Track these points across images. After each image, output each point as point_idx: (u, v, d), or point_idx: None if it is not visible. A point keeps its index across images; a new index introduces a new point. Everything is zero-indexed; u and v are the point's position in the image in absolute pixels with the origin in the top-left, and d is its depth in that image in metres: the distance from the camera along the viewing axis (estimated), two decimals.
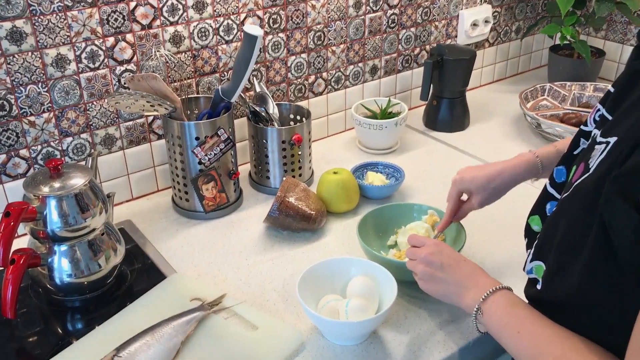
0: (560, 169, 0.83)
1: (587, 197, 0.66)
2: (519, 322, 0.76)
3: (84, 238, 1.02)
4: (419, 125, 1.70)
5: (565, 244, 0.69)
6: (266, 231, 1.23)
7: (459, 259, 0.89)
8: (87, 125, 1.22)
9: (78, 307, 1.06)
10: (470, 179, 1.05)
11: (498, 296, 0.81)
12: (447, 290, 0.88)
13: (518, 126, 1.67)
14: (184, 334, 0.94)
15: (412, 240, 0.97)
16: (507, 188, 1.04)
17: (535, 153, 1.02)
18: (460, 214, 1.09)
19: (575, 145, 0.82)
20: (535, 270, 0.79)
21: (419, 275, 0.92)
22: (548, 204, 0.83)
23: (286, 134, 1.30)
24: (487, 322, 0.80)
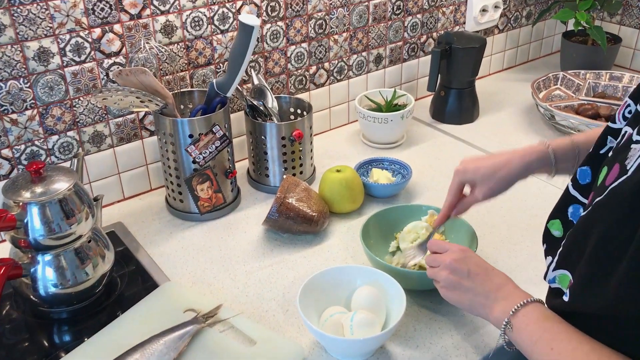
0: (584, 170, 0.76)
1: (626, 201, 0.60)
2: (552, 337, 0.69)
3: (69, 246, 0.95)
4: (426, 117, 1.62)
5: (600, 253, 0.64)
6: (265, 234, 1.16)
7: (487, 268, 0.83)
8: (73, 123, 1.15)
9: (66, 319, 0.99)
10: (473, 169, 0.96)
11: (529, 309, 0.74)
12: (473, 301, 0.81)
13: (530, 117, 1.59)
14: (177, 351, 0.87)
15: (433, 246, 0.90)
16: (514, 179, 0.95)
17: (547, 143, 0.94)
18: (460, 207, 1.00)
19: (602, 144, 0.75)
20: (559, 280, 0.73)
21: (442, 282, 0.85)
22: (570, 207, 0.77)
23: (286, 129, 1.22)
24: (518, 337, 0.74)
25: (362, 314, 0.86)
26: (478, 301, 0.80)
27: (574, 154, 0.91)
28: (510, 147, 1.42)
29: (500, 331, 0.76)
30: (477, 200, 0.97)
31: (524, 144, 1.43)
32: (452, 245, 0.87)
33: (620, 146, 0.68)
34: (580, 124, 1.40)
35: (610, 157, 0.70)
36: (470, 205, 1.00)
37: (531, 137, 1.49)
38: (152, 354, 0.85)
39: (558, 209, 0.79)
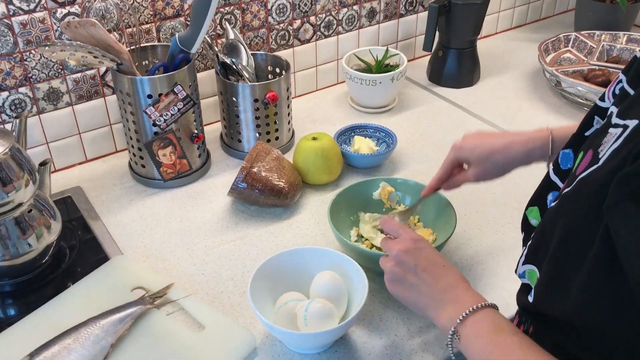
0: (566, 153, 0.66)
1: (592, 195, 0.51)
2: (505, 355, 0.60)
3: (7, 215, 0.87)
4: (422, 79, 1.49)
5: (562, 252, 0.55)
6: (232, 205, 1.07)
7: (438, 264, 0.72)
8: (25, 78, 1.05)
9: (10, 292, 0.92)
10: (470, 148, 0.87)
11: (479, 317, 0.65)
12: (418, 301, 0.71)
13: (535, 83, 1.46)
14: (115, 335, 0.80)
15: (385, 226, 0.79)
16: (512, 165, 0.86)
17: (550, 129, 0.83)
18: (451, 182, 0.92)
19: (588, 124, 0.65)
20: (528, 275, 0.64)
21: (387, 274, 0.74)
22: (550, 195, 0.67)
23: (260, 90, 1.11)
24: (466, 351, 0.65)
25: (318, 303, 0.78)
26: (423, 301, 0.70)
27: None
28: (511, 114, 1.33)
29: (447, 341, 0.66)
30: (469, 180, 0.89)
31: (526, 112, 1.34)
32: (404, 232, 0.76)
33: (599, 129, 0.58)
34: (588, 92, 1.28)
35: (588, 141, 0.60)
36: (461, 183, 0.91)
37: (535, 104, 1.37)
38: (87, 338, 0.78)
39: (537, 195, 0.69)
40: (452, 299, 0.68)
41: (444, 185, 0.92)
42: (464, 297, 0.68)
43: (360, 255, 0.87)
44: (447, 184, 0.92)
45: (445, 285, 0.69)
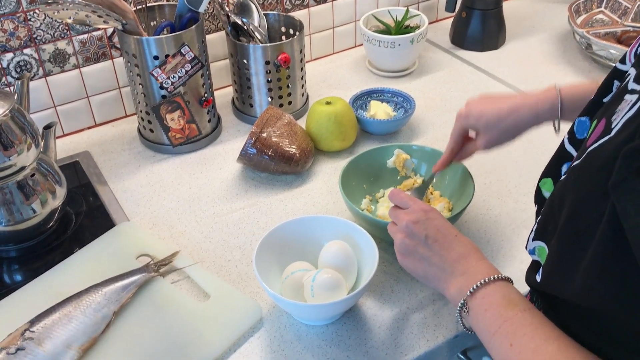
0: (583, 121, 0.60)
1: (601, 169, 0.47)
2: (513, 330, 0.56)
3: (10, 179, 0.85)
4: (445, 41, 1.43)
5: (569, 230, 0.51)
6: (242, 172, 1.04)
7: (449, 234, 0.68)
8: (30, 39, 1.02)
9: (15, 257, 0.91)
10: (477, 115, 0.82)
11: (491, 290, 0.61)
12: (428, 272, 0.68)
13: (564, 46, 1.38)
14: (118, 303, 0.78)
15: (394, 198, 0.75)
16: (521, 130, 0.81)
17: (558, 88, 0.78)
18: (462, 153, 0.87)
19: (607, 89, 0.59)
20: (538, 252, 0.60)
21: (396, 246, 0.71)
22: (564, 165, 0.62)
23: (271, 52, 1.07)
24: (475, 324, 0.61)
25: (326, 274, 0.74)
26: (433, 273, 0.67)
27: None
28: (538, 80, 1.26)
29: (456, 313, 0.62)
30: (479, 149, 0.85)
31: (554, 77, 1.27)
32: (414, 203, 0.72)
33: (614, 95, 0.52)
34: (620, 55, 1.20)
35: (602, 109, 0.54)
36: (472, 153, 0.87)
37: (563, 68, 1.30)
38: (89, 306, 0.76)
39: (551, 165, 0.64)
40: (463, 270, 0.64)
41: (456, 157, 0.88)
42: (476, 268, 0.64)
43: (371, 225, 0.83)
44: (460, 155, 0.87)
45: (457, 256, 0.66)
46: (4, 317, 0.78)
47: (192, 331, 0.76)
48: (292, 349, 0.75)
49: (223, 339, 0.75)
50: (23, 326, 0.73)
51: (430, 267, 0.67)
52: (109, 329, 0.76)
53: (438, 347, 0.75)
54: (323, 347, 0.75)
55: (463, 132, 0.85)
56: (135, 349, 0.74)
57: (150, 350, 0.74)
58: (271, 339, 0.76)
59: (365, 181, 0.95)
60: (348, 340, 0.75)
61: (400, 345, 0.75)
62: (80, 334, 0.73)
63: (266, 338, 0.76)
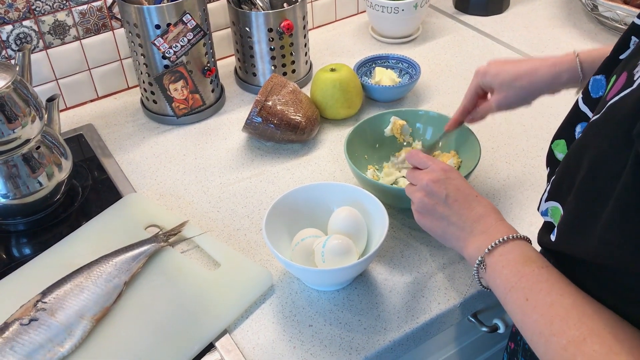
0: (598, 79, 0.59)
1: (624, 121, 0.46)
2: (529, 286, 0.56)
3: (15, 152, 0.85)
4: (448, 6, 1.41)
5: (588, 186, 0.50)
6: (247, 142, 1.03)
7: (469, 194, 0.68)
8: (29, 10, 1.00)
9: (23, 231, 0.91)
10: (494, 73, 0.81)
11: (509, 248, 0.61)
12: (447, 231, 0.68)
13: (569, 8, 1.36)
14: (128, 273, 0.78)
15: (413, 159, 0.74)
16: (538, 92, 0.80)
17: (577, 52, 0.77)
18: (475, 114, 0.86)
19: (623, 46, 0.58)
20: (551, 212, 0.59)
21: (416, 205, 0.71)
22: (578, 126, 0.61)
23: (274, 19, 1.05)
24: (491, 280, 0.61)
25: (336, 239, 0.74)
26: (452, 232, 0.67)
27: None
28: (543, 43, 1.25)
29: (473, 270, 0.63)
30: (491, 109, 0.83)
31: (559, 40, 1.26)
32: (433, 162, 0.72)
33: (635, 49, 0.51)
34: (628, 16, 1.18)
35: (621, 63, 0.53)
36: (485, 114, 0.85)
37: (568, 31, 1.28)
38: (100, 276, 0.76)
39: (564, 126, 0.63)
40: (483, 230, 0.64)
41: (468, 117, 0.86)
42: (495, 227, 0.64)
43: (380, 192, 0.83)
44: (472, 115, 0.86)
45: (477, 216, 0.66)
46: (15, 289, 0.78)
47: (203, 299, 0.76)
48: (304, 314, 0.75)
49: (235, 306, 0.75)
50: (35, 297, 0.73)
51: (449, 226, 0.67)
52: (120, 299, 0.76)
53: (449, 310, 0.75)
54: (335, 312, 0.75)
55: (478, 90, 0.84)
56: (148, 318, 0.74)
57: (162, 318, 0.74)
58: (283, 305, 0.76)
59: (367, 151, 0.94)
60: (359, 305, 0.76)
61: (412, 309, 0.75)
62: (92, 304, 0.74)
63: (278, 304, 0.77)
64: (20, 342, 0.68)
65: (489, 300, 0.80)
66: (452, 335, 0.88)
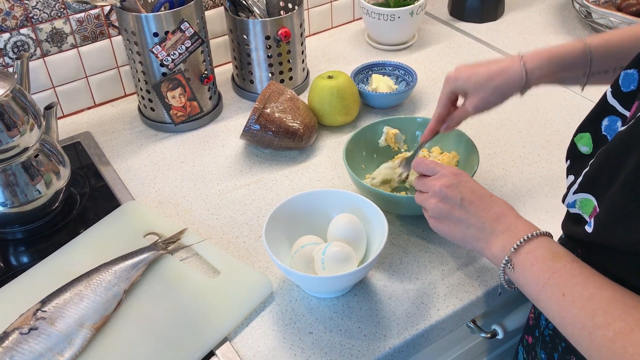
0: (630, 73, 0.59)
1: None
2: (564, 281, 0.56)
3: (13, 160, 0.85)
4: (444, 13, 1.42)
5: (638, 180, 0.50)
6: (245, 149, 1.03)
7: (484, 195, 0.69)
8: (26, 19, 1.00)
9: (21, 239, 0.91)
10: (466, 77, 0.80)
11: (535, 245, 0.61)
12: (466, 234, 0.68)
13: (564, 15, 1.38)
14: (128, 282, 0.78)
15: (420, 167, 0.75)
16: (512, 90, 0.78)
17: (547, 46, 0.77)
18: (450, 121, 0.84)
19: None
20: (580, 205, 0.59)
21: (431, 212, 0.71)
22: (606, 120, 0.62)
23: (271, 27, 1.06)
24: (521, 279, 0.61)
25: (336, 246, 0.74)
26: (472, 234, 0.67)
27: (584, 59, 0.74)
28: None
29: (500, 270, 0.63)
30: (468, 113, 0.81)
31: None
32: (442, 168, 0.72)
33: None
34: (621, 23, 1.20)
35: None
36: (460, 119, 0.83)
37: (562, 38, 1.29)
38: (99, 285, 0.76)
39: (590, 120, 0.63)
40: (504, 229, 0.65)
41: (443, 126, 0.84)
42: (516, 225, 0.64)
43: (378, 198, 0.83)
44: (447, 123, 0.84)
45: (496, 215, 0.66)
46: (14, 298, 0.78)
47: (203, 307, 0.76)
48: (304, 322, 0.75)
49: (235, 314, 0.75)
50: (35, 306, 0.73)
51: (468, 229, 0.67)
52: (120, 307, 0.76)
53: (448, 316, 0.76)
54: (335, 319, 0.75)
55: (451, 96, 0.82)
56: (148, 326, 0.74)
57: (162, 327, 0.74)
58: (283, 312, 0.77)
59: (364, 161, 0.94)
60: (359, 312, 0.76)
61: (411, 316, 0.75)
62: (92, 312, 0.73)
63: (278, 312, 0.77)
64: (20, 352, 0.68)
65: (488, 307, 0.80)
66: (452, 341, 0.89)
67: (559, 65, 0.76)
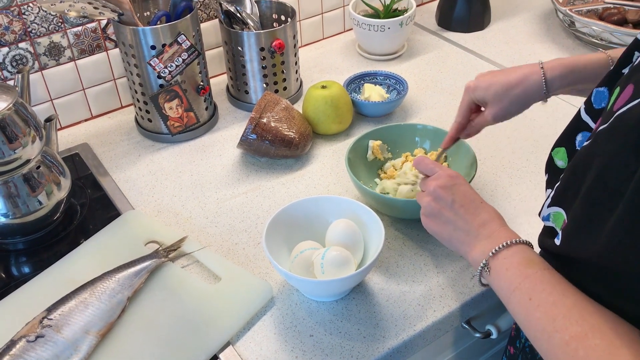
0: (601, 91, 0.63)
1: (633, 131, 0.49)
2: (532, 286, 0.59)
3: (16, 172, 0.86)
4: (432, 24, 1.45)
5: (597, 191, 0.53)
6: (241, 158, 1.06)
7: (475, 200, 0.71)
8: (25, 33, 1.02)
9: (23, 250, 0.92)
10: (486, 86, 0.82)
11: (512, 252, 0.64)
12: (453, 235, 0.71)
13: (548, 24, 1.42)
14: (131, 289, 0.79)
15: (420, 166, 0.77)
16: (531, 99, 0.81)
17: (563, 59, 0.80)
18: (470, 129, 0.87)
19: (627, 60, 0.61)
20: (553, 218, 0.62)
21: (423, 209, 0.74)
22: (579, 135, 0.64)
23: (265, 38, 1.08)
24: (494, 282, 0.64)
25: (335, 251, 0.77)
26: (457, 236, 0.70)
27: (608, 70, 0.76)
28: (524, 58, 1.30)
29: (476, 272, 0.66)
30: (487, 122, 0.84)
31: (539, 54, 1.30)
32: (440, 169, 0.75)
33: (638, 63, 0.55)
34: (603, 31, 1.24)
35: (625, 75, 0.57)
36: (480, 127, 0.86)
37: (547, 47, 1.33)
38: (104, 292, 0.78)
39: (565, 135, 0.66)
40: (487, 234, 0.67)
41: (464, 133, 0.87)
42: (499, 233, 0.67)
43: (376, 201, 0.86)
44: (467, 130, 0.87)
45: (482, 221, 0.69)
46: (19, 307, 0.79)
47: (205, 312, 0.78)
48: (304, 325, 0.77)
49: (237, 319, 0.77)
50: (40, 314, 0.74)
51: (455, 231, 0.70)
52: (124, 314, 0.77)
53: (444, 317, 0.78)
54: (334, 322, 0.77)
55: (471, 105, 0.85)
56: (152, 332, 0.75)
57: (166, 332, 0.75)
58: (283, 316, 0.78)
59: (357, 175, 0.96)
60: (358, 314, 0.78)
61: (409, 317, 0.78)
62: (97, 319, 0.75)
63: (278, 316, 0.79)
64: (27, 359, 0.69)
65: (482, 307, 0.83)
66: (449, 341, 0.91)
67: (581, 76, 0.77)
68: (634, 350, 0.50)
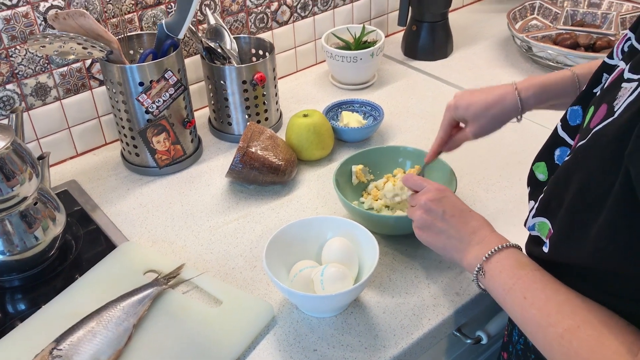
0: (575, 110, 0.70)
1: (609, 146, 0.54)
2: (526, 286, 0.65)
3: (13, 209, 0.87)
4: (398, 54, 1.53)
5: (580, 202, 0.58)
6: (230, 186, 1.09)
7: (464, 210, 0.77)
8: (12, 75, 1.04)
9: (19, 287, 0.93)
10: (465, 106, 0.89)
11: (504, 255, 0.69)
12: (446, 244, 0.76)
13: (507, 50, 1.52)
14: (136, 316, 0.81)
15: (408, 182, 0.83)
16: (508, 117, 0.88)
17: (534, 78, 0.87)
18: (451, 143, 0.93)
19: (597, 81, 0.68)
20: (538, 227, 0.68)
21: (416, 222, 0.80)
22: (558, 150, 0.71)
23: (247, 72, 1.13)
24: (490, 285, 0.69)
25: (333, 267, 0.81)
26: (451, 244, 0.76)
27: (574, 87, 0.84)
28: (486, 82, 1.38)
29: (472, 277, 0.71)
30: (468, 138, 0.91)
31: (500, 78, 1.39)
32: (429, 184, 0.81)
33: (610, 84, 0.61)
34: (558, 55, 1.33)
35: (598, 96, 0.63)
36: (461, 142, 0.93)
37: (507, 71, 1.43)
38: (110, 320, 0.79)
39: (545, 150, 0.73)
40: (479, 240, 0.73)
41: (445, 147, 0.94)
42: (490, 238, 0.72)
43: (366, 220, 0.90)
44: (448, 145, 0.94)
45: (473, 228, 0.74)
46: (24, 341, 0.80)
47: (210, 335, 0.80)
48: (307, 340, 0.80)
49: (241, 339, 0.80)
50: (50, 345, 0.75)
51: (448, 240, 0.75)
52: (131, 341, 0.79)
53: (439, 324, 0.83)
54: (336, 336, 0.81)
55: (452, 122, 0.91)
56: (160, 357, 0.77)
57: (173, 356, 0.77)
58: (286, 333, 0.81)
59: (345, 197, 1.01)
60: (358, 327, 0.82)
61: (406, 327, 0.82)
62: (105, 347, 0.77)
63: (281, 333, 0.82)
64: None
65: (472, 314, 0.88)
66: (442, 349, 0.95)
67: (552, 94, 0.85)
68: (622, 339, 0.55)
